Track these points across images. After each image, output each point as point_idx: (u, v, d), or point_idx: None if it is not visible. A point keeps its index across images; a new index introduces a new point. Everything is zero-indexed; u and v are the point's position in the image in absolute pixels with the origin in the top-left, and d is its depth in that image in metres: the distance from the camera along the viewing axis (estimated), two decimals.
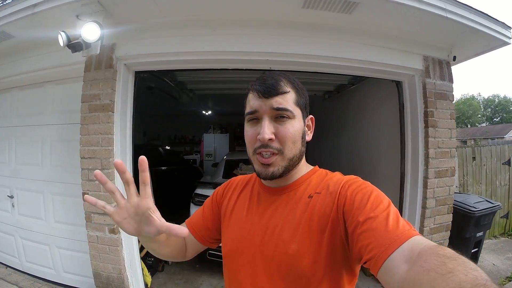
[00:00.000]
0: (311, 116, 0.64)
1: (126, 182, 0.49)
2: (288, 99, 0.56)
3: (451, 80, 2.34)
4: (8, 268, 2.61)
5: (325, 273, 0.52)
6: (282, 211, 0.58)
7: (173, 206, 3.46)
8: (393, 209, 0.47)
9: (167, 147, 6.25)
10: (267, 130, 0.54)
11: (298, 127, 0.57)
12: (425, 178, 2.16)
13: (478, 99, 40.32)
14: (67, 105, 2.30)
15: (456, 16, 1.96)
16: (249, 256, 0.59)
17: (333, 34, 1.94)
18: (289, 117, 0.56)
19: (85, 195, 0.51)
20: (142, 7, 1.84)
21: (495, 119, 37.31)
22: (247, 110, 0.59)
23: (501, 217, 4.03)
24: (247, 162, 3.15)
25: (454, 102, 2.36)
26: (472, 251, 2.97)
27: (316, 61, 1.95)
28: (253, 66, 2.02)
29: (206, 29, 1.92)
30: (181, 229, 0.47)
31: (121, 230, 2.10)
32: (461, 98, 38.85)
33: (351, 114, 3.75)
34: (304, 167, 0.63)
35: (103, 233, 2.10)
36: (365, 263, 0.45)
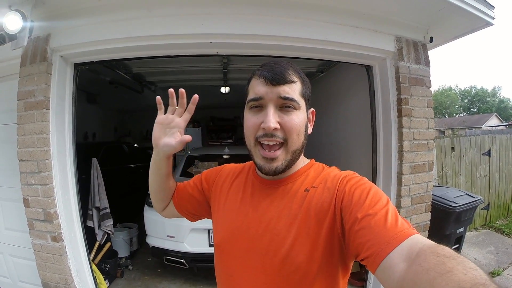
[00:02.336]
0: (312, 109, 0.58)
1: (182, 106, 0.57)
2: (295, 89, 0.50)
3: (427, 64, 1.86)
4: None
5: (320, 267, 0.47)
6: (278, 204, 0.52)
7: (134, 207, 2.88)
8: (392, 207, 0.43)
9: (135, 145, 5.52)
10: (272, 118, 0.48)
11: (302, 119, 0.51)
12: (399, 174, 1.69)
13: (456, 90, 39.22)
14: (9, 104, 1.88)
15: None
16: (241, 249, 0.53)
17: (289, 10, 1.47)
18: (294, 108, 0.50)
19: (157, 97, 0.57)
20: None
21: (472, 110, 36.37)
22: (251, 96, 0.52)
23: (481, 209, 3.55)
24: (203, 159, 2.71)
25: (431, 89, 1.89)
26: (453, 247, 2.51)
27: (269, 42, 1.48)
28: (198, 51, 1.57)
29: (141, 11, 1.48)
30: (185, 137, 0.57)
31: (63, 238, 1.71)
32: (439, 89, 37.83)
33: (321, 104, 3.17)
34: (301, 160, 0.57)
35: (46, 241, 1.70)
36: (362, 260, 0.41)
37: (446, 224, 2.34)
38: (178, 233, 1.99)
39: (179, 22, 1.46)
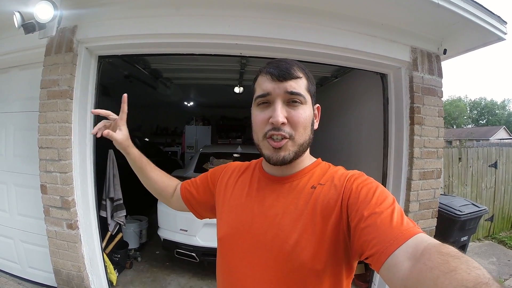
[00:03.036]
0: (317, 105, 0.59)
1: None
2: (301, 84, 0.53)
3: (440, 75, 1.97)
4: None
5: (326, 266, 0.48)
6: (283, 200, 0.54)
7: (145, 200, 3.01)
8: (398, 206, 0.44)
9: (146, 139, 5.62)
10: (280, 113, 0.50)
11: (309, 113, 0.54)
12: (409, 179, 1.80)
13: (465, 101, 39.50)
14: (32, 92, 1.97)
15: (449, 4, 1.62)
16: (245, 244, 0.54)
17: (310, 17, 1.58)
18: (301, 102, 0.53)
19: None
20: None
21: (480, 121, 36.60)
22: (258, 93, 0.54)
23: (485, 220, 3.66)
24: (219, 156, 2.81)
25: (442, 99, 2.00)
26: None
27: (291, 46, 1.59)
28: (222, 51, 1.67)
29: (170, 9, 1.58)
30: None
31: (79, 226, 1.80)
32: (448, 99, 38.08)
33: (334, 109, 3.31)
34: (308, 158, 0.59)
35: (61, 228, 1.79)
36: (366, 258, 0.42)
37: (450, 232, 2.44)
38: (191, 227, 2.08)
39: (206, 22, 1.56)
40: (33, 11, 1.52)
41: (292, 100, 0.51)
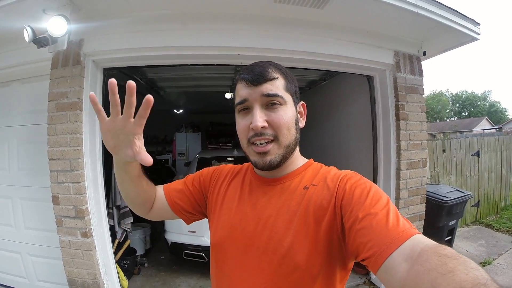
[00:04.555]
0: (302, 102, 0.61)
1: (131, 105, 0.48)
2: (278, 85, 0.54)
3: (421, 74, 2.35)
4: None
5: (321, 267, 0.49)
6: (276, 202, 0.55)
7: None
8: (392, 207, 0.46)
9: None
10: (258, 117, 0.52)
11: (291, 113, 0.55)
12: (398, 169, 2.15)
13: (447, 94, 42.16)
14: (34, 105, 2.13)
15: (427, 12, 1.95)
16: (239, 248, 0.55)
17: (305, 29, 1.88)
18: (280, 104, 0.54)
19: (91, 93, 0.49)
20: (112, 1, 1.73)
21: (463, 114, 39.15)
22: (237, 100, 0.56)
23: (472, 206, 4.15)
24: (219, 159, 3.06)
25: (424, 96, 2.37)
26: (446, 239, 3.02)
27: (288, 55, 1.88)
28: (225, 62, 1.93)
29: (177, 24, 1.82)
30: (147, 158, 0.50)
31: (93, 234, 1.97)
32: (430, 94, 40.52)
33: (323, 110, 3.71)
34: (300, 159, 0.61)
35: (75, 237, 1.95)
36: (362, 260, 0.43)
37: (439, 217, 2.83)
38: (199, 227, 2.30)
39: (211, 35, 1.81)
40: (46, 26, 1.64)
41: (270, 102, 0.53)
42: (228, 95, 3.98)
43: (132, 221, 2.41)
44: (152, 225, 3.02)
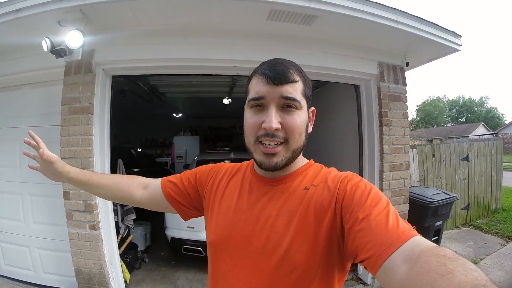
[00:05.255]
0: (313, 108, 0.62)
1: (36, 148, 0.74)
2: (297, 89, 0.54)
3: (404, 83, 2.61)
4: None
5: (319, 268, 0.51)
6: (275, 202, 0.56)
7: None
8: (392, 209, 0.47)
9: (139, 150, 6.34)
10: (274, 119, 0.52)
11: (304, 119, 0.56)
12: (381, 171, 2.40)
13: (444, 100, 42.72)
14: (45, 108, 2.38)
15: (407, 27, 2.19)
16: (237, 247, 0.57)
17: (295, 43, 2.15)
18: (296, 108, 0.54)
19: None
20: (121, 16, 1.97)
21: (460, 119, 39.65)
22: (252, 95, 0.55)
23: (461, 209, 4.39)
24: (217, 162, 3.29)
25: (407, 103, 2.63)
26: (433, 239, 3.25)
27: None
28: (222, 72, 2.20)
29: (179, 38, 2.08)
30: (48, 154, 0.73)
31: (101, 226, 2.20)
32: (427, 100, 41.00)
33: (315, 116, 4.03)
34: (301, 160, 0.62)
35: (84, 230, 2.18)
36: (361, 261, 0.44)
37: (425, 218, 3.06)
38: (198, 223, 2.54)
39: (210, 48, 2.08)
40: (64, 39, 1.85)
41: (287, 105, 0.53)
42: (225, 101, 4.27)
43: (134, 217, 2.65)
44: (152, 223, 3.26)
